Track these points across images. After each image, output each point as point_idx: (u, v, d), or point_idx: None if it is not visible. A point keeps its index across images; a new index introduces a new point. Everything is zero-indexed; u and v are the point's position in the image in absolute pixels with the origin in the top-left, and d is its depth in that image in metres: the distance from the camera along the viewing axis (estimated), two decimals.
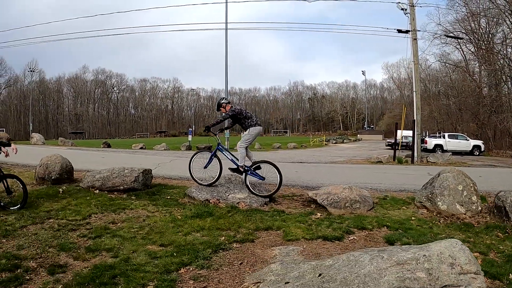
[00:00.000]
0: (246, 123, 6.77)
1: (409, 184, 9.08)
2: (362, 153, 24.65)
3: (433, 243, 2.69)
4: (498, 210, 5.76)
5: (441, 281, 2.30)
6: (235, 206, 6.04)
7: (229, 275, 3.39)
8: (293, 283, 2.58)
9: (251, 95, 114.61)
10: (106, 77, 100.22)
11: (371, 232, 5.04)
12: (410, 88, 70.04)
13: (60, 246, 3.93)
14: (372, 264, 2.41)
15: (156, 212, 5.63)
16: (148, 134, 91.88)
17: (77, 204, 5.75)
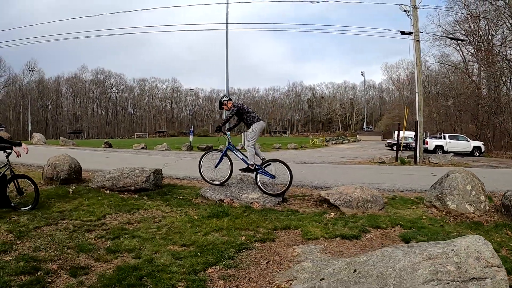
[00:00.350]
0: (248, 119, 6.78)
1: (414, 184, 9.18)
2: (363, 154, 24.76)
3: (458, 239, 2.80)
4: (506, 209, 5.85)
5: (469, 274, 2.41)
6: (249, 206, 6.08)
7: (258, 274, 3.40)
8: (328, 280, 2.62)
9: (250, 96, 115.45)
10: (105, 77, 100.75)
11: (385, 230, 5.11)
12: (409, 89, 70.62)
13: (78, 248, 3.89)
14: (405, 259, 2.50)
15: (171, 212, 5.63)
16: (147, 134, 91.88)
17: (89, 205, 5.73)
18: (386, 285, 2.33)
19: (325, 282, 2.54)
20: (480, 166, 16.21)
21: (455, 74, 36.86)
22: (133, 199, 6.39)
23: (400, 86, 76.22)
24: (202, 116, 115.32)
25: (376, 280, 2.38)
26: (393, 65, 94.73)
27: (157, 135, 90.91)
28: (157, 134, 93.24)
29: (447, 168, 14.28)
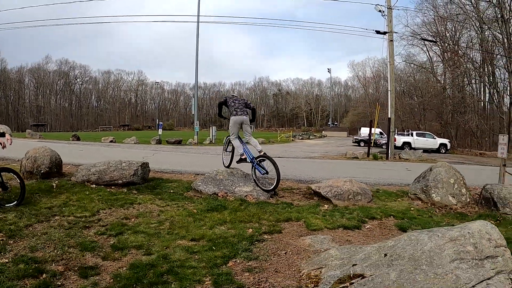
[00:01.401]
0: (229, 112, 7.06)
1: (393, 178, 9.62)
2: (332, 149, 25.49)
3: (469, 223, 3.08)
4: (486, 201, 6.31)
5: (484, 253, 2.69)
6: (244, 199, 6.07)
7: (282, 264, 3.41)
8: (361, 265, 2.74)
9: (216, 90, 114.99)
10: (70, 68, 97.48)
11: (381, 221, 5.32)
12: (375, 87, 73.62)
13: (81, 246, 3.70)
14: (431, 242, 2.71)
15: (167, 206, 5.52)
16: (111, 127, 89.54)
17: (79, 200, 5.51)
18: (419, 265, 2.52)
19: (358, 267, 2.70)
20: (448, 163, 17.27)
21: (420, 74, 38.96)
22: (123, 193, 6.20)
23: (366, 83, 79.23)
24: (167, 109, 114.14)
25: (408, 262, 2.58)
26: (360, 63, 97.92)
27: (122, 129, 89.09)
28: (122, 127, 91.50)
29: (418, 163, 15.13)
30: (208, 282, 3.03)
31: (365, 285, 2.50)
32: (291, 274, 3.21)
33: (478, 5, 28.35)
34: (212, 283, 3.01)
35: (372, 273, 2.61)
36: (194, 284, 2.98)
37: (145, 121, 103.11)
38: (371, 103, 67.37)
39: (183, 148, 19.89)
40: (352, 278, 2.61)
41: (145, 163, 7.25)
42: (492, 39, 29.34)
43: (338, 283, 2.61)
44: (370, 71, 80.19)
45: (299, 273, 3.17)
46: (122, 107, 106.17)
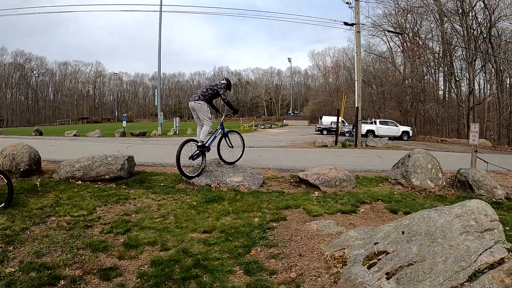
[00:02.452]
0: None
1: (368, 165, 10.13)
2: (297, 138, 26.11)
3: (467, 201, 3.49)
4: (461, 184, 6.90)
5: (484, 226, 3.11)
6: (237, 189, 6.19)
7: (303, 249, 3.56)
8: (382, 243, 3.00)
9: (175, 80, 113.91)
10: (26, 60, 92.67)
11: (372, 205, 5.65)
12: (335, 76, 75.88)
13: (91, 247, 3.61)
14: (441, 218, 3.06)
15: (163, 200, 5.52)
16: (70, 121, 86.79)
17: (70, 198, 5.36)
18: (435, 239, 2.86)
19: (380, 245, 3.01)
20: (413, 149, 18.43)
21: (380, 63, 40.82)
22: (113, 189, 6.10)
23: (326, 73, 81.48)
24: (126, 101, 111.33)
25: (425, 237, 2.92)
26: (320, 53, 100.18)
27: (81, 122, 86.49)
28: (81, 120, 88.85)
29: (385, 150, 16.07)
30: (240, 271, 3.12)
31: (392, 260, 2.82)
32: (315, 257, 3.39)
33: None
34: (244, 272, 3.11)
35: (395, 249, 2.94)
36: (227, 274, 3.06)
37: (104, 113, 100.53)
38: (331, 92, 69.54)
39: (151, 140, 19.57)
40: (378, 255, 2.92)
41: (130, 156, 7.14)
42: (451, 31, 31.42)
43: (367, 260, 2.93)
44: (330, 61, 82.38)
45: (322, 255, 3.36)
46: (80, 100, 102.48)
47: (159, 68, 26.59)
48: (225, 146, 7.30)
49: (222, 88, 7.00)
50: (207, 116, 6.78)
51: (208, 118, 6.80)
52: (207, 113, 6.80)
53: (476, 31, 28.89)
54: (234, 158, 7.46)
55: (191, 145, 6.66)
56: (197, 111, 6.78)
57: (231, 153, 7.40)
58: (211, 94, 6.89)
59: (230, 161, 7.34)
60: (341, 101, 23.61)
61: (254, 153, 11.69)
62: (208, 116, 6.82)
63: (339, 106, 24.33)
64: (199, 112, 6.77)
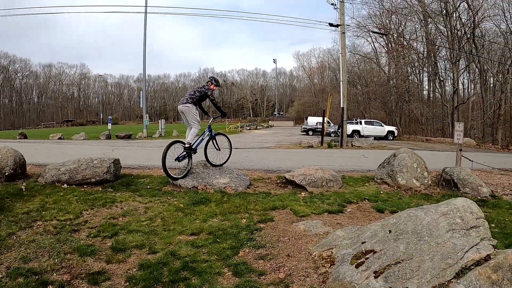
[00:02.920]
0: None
1: (354, 165, 10.24)
2: (283, 139, 26.18)
3: (453, 200, 3.55)
4: (446, 183, 7.03)
5: (470, 224, 3.17)
6: (223, 191, 6.18)
7: (291, 249, 3.56)
8: (370, 242, 3.04)
9: (161, 82, 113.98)
10: (9, 62, 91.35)
11: (358, 204, 5.70)
12: (320, 77, 76.46)
13: (78, 251, 3.57)
14: (428, 217, 3.11)
15: (150, 203, 5.47)
16: (54, 123, 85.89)
17: (56, 202, 5.28)
18: (422, 237, 2.90)
19: (368, 244, 3.05)
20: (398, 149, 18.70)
21: (364, 64, 41.35)
22: (99, 192, 6.02)
23: (311, 73, 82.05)
24: (111, 103, 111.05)
25: (412, 235, 2.97)
26: (305, 53, 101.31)
27: (65, 125, 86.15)
28: (65, 123, 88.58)
29: (371, 150, 16.26)
30: (229, 273, 3.12)
31: (379, 258, 2.85)
32: (303, 257, 3.40)
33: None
34: (232, 273, 3.10)
35: (382, 248, 2.98)
36: (215, 276, 3.06)
37: (89, 115, 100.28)
38: (316, 93, 70.07)
39: (136, 143, 19.35)
40: (366, 254, 2.95)
41: (116, 159, 7.07)
42: (435, 31, 32.06)
43: (355, 259, 2.96)
44: (315, 61, 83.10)
45: (310, 255, 3.38)
46: (65, 102, 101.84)
47: (144, 70, 26.30)
48: (212, 149, 7.31)
49: (209, 88, 7.00)
50: (195, 119, 6.80)
51: (196, 120, 6.80)
52: (196, 116, 6.82)
53: (460, 31, 29.54)
54: (221, 160, 7.48)
55: (177, 147, 6.64)
56: (186, 114, 6.80)
57: (218, 155, 7.42)
58: (199, 97, 6.90)
59: (217, 163, 7.35)
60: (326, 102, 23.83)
61: (240, 155, 11.69)
62: (197, 118, 6.83)
63: (325, 106, 24.55)
64: (187, 115, 6.79)
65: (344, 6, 16.56)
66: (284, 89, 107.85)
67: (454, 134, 8.79)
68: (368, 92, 38.39)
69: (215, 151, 7.35)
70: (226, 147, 7.64)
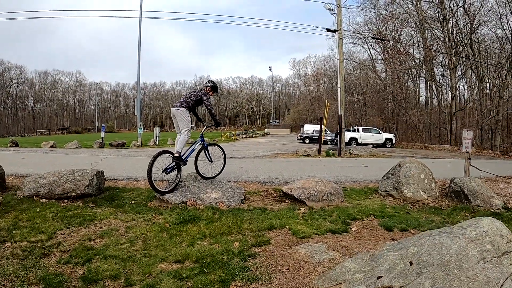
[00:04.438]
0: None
1: (355, 175, 9.71)
2: (279, 147, 25.73)
3: (478, 220, 3.04)
4: (456, 194, 6.51)
5: (501, 250, 2.71)
6: (215, 207, 5.65)
7: (291, 283, 3.07)
8: (387, 276, 2.54)
9: (156, 90, 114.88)
10: (5, 69, 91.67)
11: (364, 221, 5.18)
12: (316, 84, 76.46)
13: (44, 282, 3.06)
14: (455, 244, 2.63)
15: (133, 221, 4.93)
16: (50, 131, 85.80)
17: (30, 219, 4.75)
18: (450, 271, 2.42)
19: (385, 279, 2.52)
20: (398, 157, 17.97)
21: (360, 71, 41.16)
22: (79, 207, 5.49)
23: (307, 81, 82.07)
24: (106, 111, 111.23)
25: (438, 268, 2.46)
26: (301, 61, 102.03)
27: (61, 132, 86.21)
28: (61, 131, 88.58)
29: (370, 159, 15.80)
30: None
31: None
32: None
33: (419, 4, 30.63)
34: None
35: (402, 284, 2.45)
36: None
37: (84, 123, 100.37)
38: (312, 100, 69.95)
39: (129, 151, 18.80)
40: None
41: (99, 171, 6.53)
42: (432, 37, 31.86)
43: None
44: (311, 69, 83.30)
45: None
46: (60, 110, 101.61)
47: (139, 77, 25.82)
48: (204, 160, 6.76)
49: (206, 93, 6.48)
50: (186, 125, 6.27)
51: (187, 127, 6.29)
52: (187, 122, 6.29)
53: (457, 37, 29.40)
54: (213, 172, 6.92)
55: (165, 157, 6.10)
56: (177, 118, 6.29)
57: (210, 167, 6.86)
58: (194, 101, 6.38)
59: (208, 176, 6.78)
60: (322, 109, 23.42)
61: (235, 165, 11.18)
62: (188, 125, 6.30)
63: (321, 114, 24.14)
64: (179, 119, 6.27)
65: (342, 11, 16.19)
66: (280, 97, 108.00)
67: (462, 142, 8.29)
68: (365, 99, 38.11)
69: (207, 162, 6.78)
70: (219, 157, 7.11)
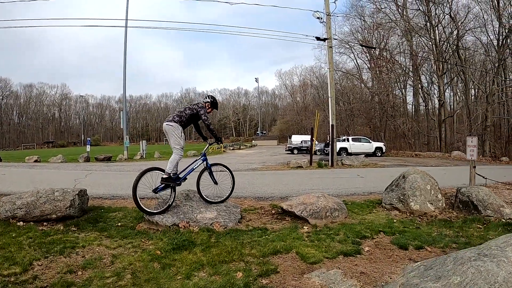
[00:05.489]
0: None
1: (353, 187, 9.25)
2: (268, 159, 25.28)
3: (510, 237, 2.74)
4: (464, 205, 6.14)
5: None
6: (210, 229, 5.08)
7: None
8: None
9: (142, 102, 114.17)
10: None
11: (374, 239, 4.73)
12: (303, 95, 76.68)
13: None
14: (501, 270, 2.32)
15: (119, 248, 4.34)
16: (35, 145, 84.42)
17: (3, 247, 4.16)
18: None
19: None
20: (391, 166, 17.46)
21: (347, 80, 41.31)
22: (59, 232, 4.91)
23: (293, 92, 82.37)
24: (92, 124, 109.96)
25: None
26: (287, 72, 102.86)
27: (46, 146, 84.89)
28: (46, 144, 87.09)
29: (364, 169, 15.46)
30: None
31: None
32: None
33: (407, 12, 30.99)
34: None
35: None
36: None
37: (70, 137, 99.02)
38: (299, 111, 70.06)
39: (115, 166, 18.07)
40: None
41: (82, 190, 5.93)
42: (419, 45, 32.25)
43: None
44: (297, 79, 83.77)
45: None
46: (46, 123, 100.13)
47: (124, 89, 25.12)
48: (208, 181, 6.14)
49: (204, 107, 5.89)
50: (178, 143, 5.65)
51: (178, 145, 5.66)
52: (179, 140, 5.66)
53: (445, 44, 29.76)
54: (219, 197, 6.24)
55: (156, 175, 5.54)
56: (168, 134, 5.69)
57: (215, 190, 6.18)
58: (189, 115, 5.79)
59: (214, 200, 6.12)
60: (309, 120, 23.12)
61: None
62: (180, 143, 5.67)
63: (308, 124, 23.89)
64: (169, 136, 5.68)
65: (331, 19, 15.99)
66: (266, 108, 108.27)
67: (466, 150, 7.92)
68: (352, 108, 38.14)
69: (211, 184, 6.12)
70: (225, 181, 6.37)
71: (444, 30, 29.64)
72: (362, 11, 33.73)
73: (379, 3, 32.05)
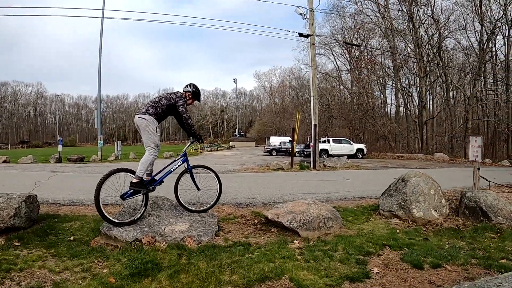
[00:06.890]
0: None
1: (340, 191, 8.46)
2: (247, 160, 24.39)
3: None
4: (471, 211, 5.44)
5: None
6: (180, 245, 4.12)
7: None
8: None
9: (119, 103, 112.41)
10: None
11: (381, 257, 3.89)
12: (281, 96, 76.23)
13: None
14: None
15: (66, 272, 3.37)
16: (9, 145, 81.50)
17: None
18: None
19: None
20: (375, 167, 16.88)
21: (326, 82, 40.90)
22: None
23: (272, 93, 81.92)
24: (68, 124, 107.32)
25: None
26: (266, 73, 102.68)
27: (20, 146, 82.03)
28: (20, 144, 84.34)
29: (348, 171, 14.79)
30: None
31: None
32: None
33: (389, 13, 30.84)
34: None
35: None
36: None
37: (45, 137, 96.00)
38: (277, 112, 69.62)
39: (87, 167, 16.81)
40: None
41: (31, 196, 4.87)
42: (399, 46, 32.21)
43: None
44: (276, 81, 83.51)
45: None
46: (20, 123, 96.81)
47: (99, 86, 23.70)
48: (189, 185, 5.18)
49: (183, 97, 4.90)
50: (152, 140, 4.61)
51: (153, 143, 4.62)
52: (153, 136, 4.62)
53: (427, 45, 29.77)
54: (202, 205, 5.34)
55: (125, 177, 4.54)
56: (141, 130, 4.64)
57: (198, 197, 5.25)
58: (166, 106, 4.77)
59: (195, 209, 5.19)
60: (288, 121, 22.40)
61: None
62: (154, 140, 4.63)
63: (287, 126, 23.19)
64: (142, 132, 4.63)
65: (314, 15, 15.28)
66: (244, 109, 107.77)
67: (470, 150, 7.13)
68: (331, 110, 37.79)
69: (193, 189, 5.18)
70: (209, 184, 5.41)
71: (426, 32, 29.66)
72: (343, 11, 33.45)
73: (360, 4, 31.81)
